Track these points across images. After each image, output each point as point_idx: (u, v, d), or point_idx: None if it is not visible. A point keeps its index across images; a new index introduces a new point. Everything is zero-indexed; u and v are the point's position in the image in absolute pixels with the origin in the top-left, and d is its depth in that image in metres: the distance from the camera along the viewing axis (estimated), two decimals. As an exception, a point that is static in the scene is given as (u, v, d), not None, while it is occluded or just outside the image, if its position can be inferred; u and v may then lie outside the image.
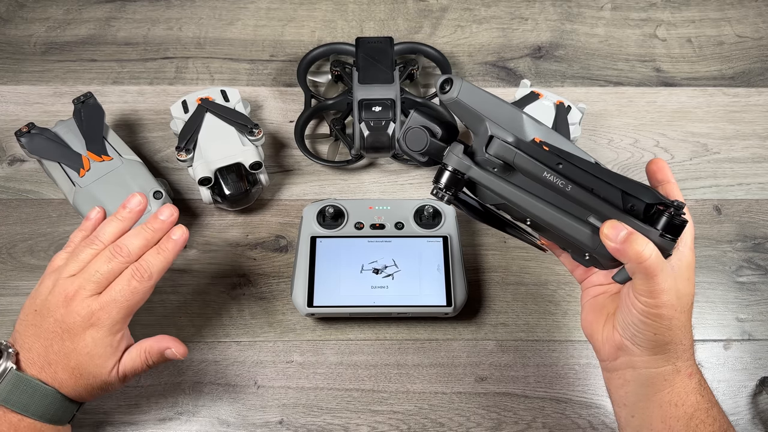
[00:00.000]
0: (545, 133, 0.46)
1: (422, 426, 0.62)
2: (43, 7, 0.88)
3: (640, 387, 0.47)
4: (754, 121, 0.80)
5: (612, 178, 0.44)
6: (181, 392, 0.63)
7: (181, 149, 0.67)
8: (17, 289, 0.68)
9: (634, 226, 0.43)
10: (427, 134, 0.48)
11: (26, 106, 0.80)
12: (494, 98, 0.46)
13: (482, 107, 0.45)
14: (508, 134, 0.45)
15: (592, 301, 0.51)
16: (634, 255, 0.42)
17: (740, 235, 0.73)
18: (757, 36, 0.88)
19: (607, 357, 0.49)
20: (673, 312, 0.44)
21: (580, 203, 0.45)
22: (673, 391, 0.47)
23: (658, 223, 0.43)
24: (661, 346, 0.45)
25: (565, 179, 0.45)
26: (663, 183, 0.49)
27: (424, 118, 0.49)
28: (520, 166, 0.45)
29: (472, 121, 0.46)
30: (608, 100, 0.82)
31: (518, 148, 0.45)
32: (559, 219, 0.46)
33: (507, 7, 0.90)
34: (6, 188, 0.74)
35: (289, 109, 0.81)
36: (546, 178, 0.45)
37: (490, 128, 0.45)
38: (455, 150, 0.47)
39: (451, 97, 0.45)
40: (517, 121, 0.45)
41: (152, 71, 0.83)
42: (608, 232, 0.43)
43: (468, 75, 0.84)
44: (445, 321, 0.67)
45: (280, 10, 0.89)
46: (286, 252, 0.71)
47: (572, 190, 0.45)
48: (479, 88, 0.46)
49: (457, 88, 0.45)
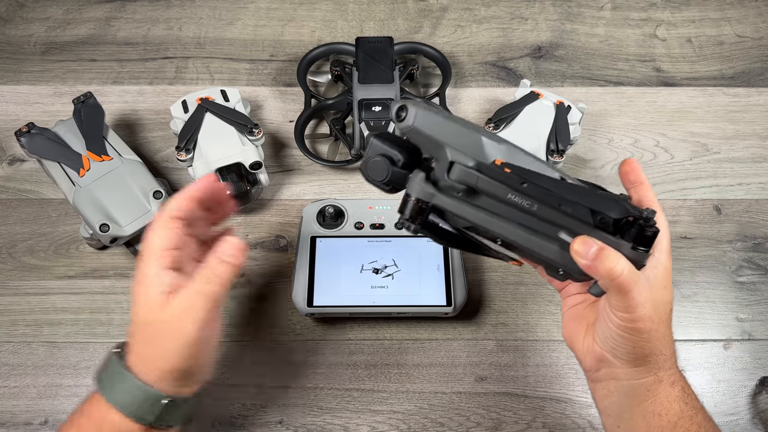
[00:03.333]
0: (507, 152, 0.44)
1: (422, 426, 0.62)
2: (42, 7, 0.88)
3: (624, 398, 0.47)
4: (754, 121, 0.80)
5: (578, 194, 0.42)
6: (181, 392, 0.63)
7: (181, 149, 0.67)
8: (17, 289, 0.68)
9: (604, 240, 0.42)
10: (387, 163, 0.46)
11: (26, 105, 0.80)
12: (452, 122, 0.44)
13: (440, 133, 0.43)
14: (469, 158, 0.44)
15: (572, 310, 0.50)
16: (606, 272, 0.41)
17: (740, 234, 0.73)
18: (757, 36, 0.88)
19: (590, 368, 0.48)
20: (651, 324, 0.43)
21: (549, 221, 0.44)
22: (657, 400, 0.46)
23: (628, 235, 0.42)
24: (641, 358, 0.45)
25: (530, 199, 0.43)
26: (636, 184, 0.48)
27: (385, 145, 0.46)
28: (484, 190, 0.44)
29: (432, 148, 0.45)
30: (608, 100, 0.82)
31: (480, 171, 0.44)
32: (528, 239, 0.45)
33: (507, 7, 0.90)
34: (6, 188, 0.74)
35: (289, 109, 0.81)
36: (511, 199, 0.44)
37: (449, 154, 0.44)
38: (417, 179, 0.45)
39: (408, 125, 0.43)
40: (476, 144, 0.44)
41: (152, 71, 0.83)
42: (578, 248, 0.42)
43: (468, 75, 0.84)
44: (445, 321, 0.67)
45: (280, 9, 0.89)
46: (286, 252, 0.71)
47: (539, 209, 0.43)
48: (436, 112, 0.44)
49: (412, 116, 0.43)
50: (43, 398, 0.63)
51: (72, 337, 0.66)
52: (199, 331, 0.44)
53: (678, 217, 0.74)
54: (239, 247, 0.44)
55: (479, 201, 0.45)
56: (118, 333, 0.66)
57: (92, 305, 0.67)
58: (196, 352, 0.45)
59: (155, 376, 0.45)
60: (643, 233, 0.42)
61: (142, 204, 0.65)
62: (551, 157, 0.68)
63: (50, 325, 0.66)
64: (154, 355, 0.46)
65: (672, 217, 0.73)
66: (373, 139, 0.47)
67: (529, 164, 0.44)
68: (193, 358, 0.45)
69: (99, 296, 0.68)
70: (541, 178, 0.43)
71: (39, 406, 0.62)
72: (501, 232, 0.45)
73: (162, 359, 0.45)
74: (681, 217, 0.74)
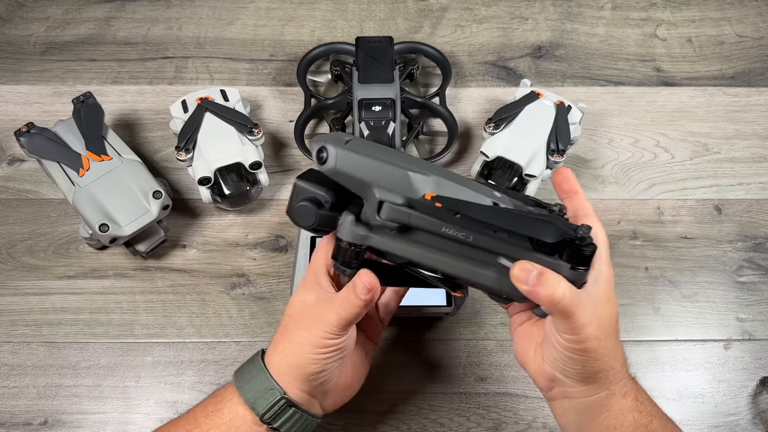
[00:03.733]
0: (436, 184, 0.42)
1: (422, 426, 0.62)
2: (42, 7, 0.88)
3: (579, 416, 0.46)
4: (754, 121, 0.80)
5: (511, 220, 0.40)
6: (181, 392, 0.63)
7: (181, 149, 0.67)
8: (17, 289, 0.68)
9: (543, 263, 0.41)
10: (314, 208, 0.44)
11: (26, 105, 0.80)
12: (376, 160, 0.42)
13: (365, 173, 0.42)
14: (398, 195, 0.42)
15: (520, 329, 0.49)
16: (546, 298, 0.41)
17: (741, 234, 0.72)
18: (757, 36, 0.88)
19: (543, 388, 0.48)
20: (598, 342, 0.43)
21: (487, 249, 0.43)
22: (611, 414, 0.45)
23: (566, 255, 0.41)
24: (591, 376, 0.44)
25: (464, 230, 0.42)
26: (570, 194, 0.47)
27: (310, 187, 0.44)
28: (418, 225, 0.43)
29: (359, 188, 0.43)
30: (608, 100, 0.82)
31: (411, 207, 0.42)
32: (467, 269, 0.44)
33: (507, 7, 0.90)
34: (5, 188, 0.74)
35: (288, 109, 0.81)
36: (446, 232, 0.42)
37: (377, 193, 0.42)
38: (346, 222, 0.44)
39: (330, 168, 0.42)
40: (404, 180, 0.42)
41: (152, 71, 0.83)
42: (518, 274, 0.41)
43: (468, 75, 0.84)
44: (445, 321, 0.67)
45: (279, 9, 0.89)
46: (286, 252, 0.71)
47: (474, 239, 0.42)
48: (359, 151, 0.42)
49: (333, 157, 0.41)
50: (43, 398, 0.63)
51: (71, 337, 0.66)
52: (324, 339, 0.46)
53: (678, 217, 0.73)
54: (368, 286, 0.44)
55: (415, 236, 0.44)
56: (118, 333, 0.66)
57: (92, 305, 0.67)
58: (319, 359, 0.46)
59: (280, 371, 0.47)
60: (581, 253, 0.41)
61: (142, 204, 0.65)
62: (551, 157, 0.68)
63: (50, 325, 0.66)
64: (282, 346, 0.47)
65: (672, 217, 0.73)
66: (297, 182, 0.45)
67: (461, 193, 0.42)
68: (314, 364, 0.46)
69: (98, 296, 0.68)
70: (473, 207, 0.41)
71: (38, 407, 0.62)
72: (439, 266, 0.44)
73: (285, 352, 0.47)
74: (681, 217, 0.73)
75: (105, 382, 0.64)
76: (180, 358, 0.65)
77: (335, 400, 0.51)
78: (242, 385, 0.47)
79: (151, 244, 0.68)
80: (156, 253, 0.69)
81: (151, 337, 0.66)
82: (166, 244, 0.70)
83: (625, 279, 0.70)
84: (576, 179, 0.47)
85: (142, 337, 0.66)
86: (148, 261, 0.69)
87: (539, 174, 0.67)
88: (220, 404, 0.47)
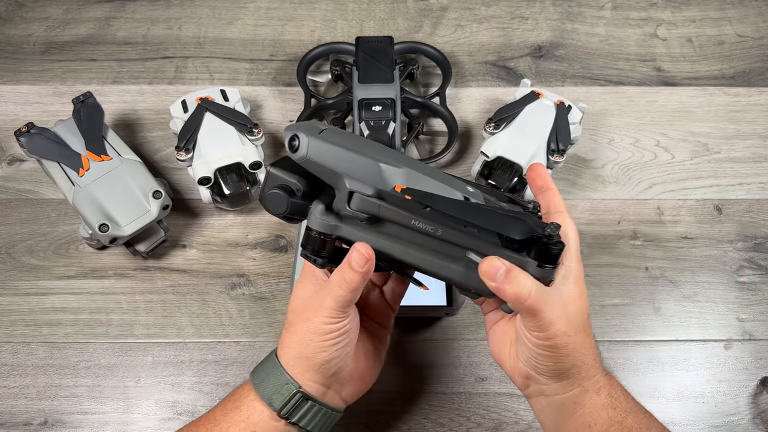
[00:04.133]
0: (407, 176, 0.42)
1: (422, 426, 0.62)
2: (42, 7, 0.88)
3: (555, 413, 0.47)
4: (754, 121, 0.80)
5: (480, 216, 0.40)
6: (181, 392, 0.63)
7: (181, 149, 0.67)
8: (17, 289, 0.68)
9: (510, 259, 0.41)
10: (285, 196, 0.43)
11: (26, 105, 0.80)
12: (347, 151, 0.42)
13: (336, 162, 0.42)
14: (369, 186, 0.42)
15: (495, 328, 0.49)
16: (513, 296, 0.41)
17: (741, 234, 0.72)
18: (757, 35, 0.88)
19: (520, 386, 0.48)
20: (567, 339, 0.43)
21: (455, 243, 0.43)
22: (585, 412, 0.45)
23: (533, 253, 0.41)
24: (563, 372, 0.44)
25: (433, 223, 0.42)
26: (543, 190, 0.47)
27: (283, 175, 0.44)
28: (387, 217, 0.43)
29: (330, 177, 0.43)
30: (609, 100, 0.82)
31: (381, 198, 0.42)
32: (435, 263, 0.44)
33: (507, 7, 0.90)
34: (5, 188, 0.74)
35: (288, 109, 0.81)
36: (415, 225, 0.42)
37: (348, 183, 0.42)
38: (316, 211, 0.43)
39: (302, 156, 0.41)
40: (375, 171, 0.42)
41: (152, 71, 0.83)
42: (486, 270, 0.41)
43: (468, 74, 0.84)
44: (445, 321, 0.66)
45: (279, 9, 0.89)
46: (285, 252, 0.71)
47: (443, 233, 0.42)
48: (331, 140, 0.42)
49: (305, 146, 0.41)
50: (43, 398, 0.63)
51: (71, 337, 0.65)
52: (326, 325, 0.45)
53: (678, 217, 0.73)
54: (366, 257, 0.44)
55: (385, 228, 0.44)
56: (118, 333, 0.66)
57: (92, 305, 0.67)
58: (325, 346, 0.46)
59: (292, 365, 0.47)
60: (548, 251, 0.41)
61: (142, 204, 0.65)
62: (552, 157, 0.68)
63: (49, 325, 0.66)
64: (289, 341, 0.47)
65: (672, 217, 0.73)
66: (269, 169, 0.45)
67: (432, 187, 0.42)
68: (322, 353, 0.46)
69: (98, 296, 0.68)
70: (443, 201, 0.41)
71: (38, 407, 0.62)
72: (407, 258, 0.44)
73: (292, 345, 0.47)
74: (681, 217, 0.73)
75: (105, 382, 0.63)
76: (180, 358, 0.65)
77: (353, 391, 0.51)
78: (258, 382, 0.48)
79: (151, 244, 0.68)
80: (156, 253, 0.69)
81: (151, 337, 0.66)
82: (166, 244, 0.70)
83: (625, 279, 0.70)
84: (549, 175, 0.48)
85: (142, 337, 0.66)
86: (148, 261, 0.69)
87: (539, 174, 0.67)
88: (238, 402, 0.48)
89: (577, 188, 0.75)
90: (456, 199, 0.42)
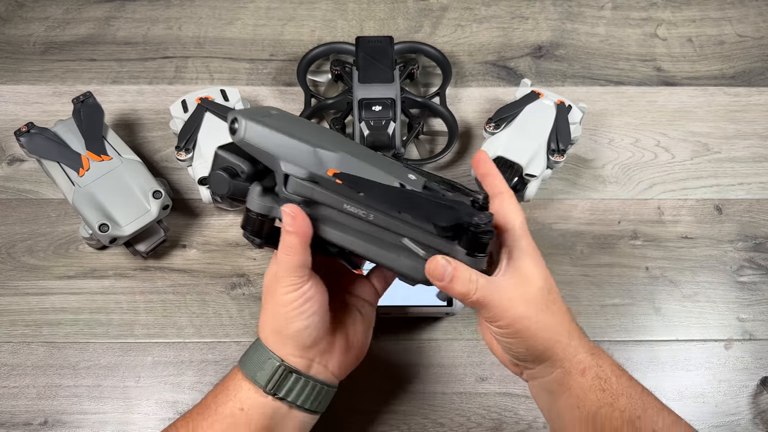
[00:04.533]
0: (341, 160, 0.43)
1: (422, 426, 0.62)
2: (42, 7, 0.88)
3: (546, 395, 0.47)
4: (754, 121, 0.80)
5: (411, 203, 0.41)
6: (181, 392, 0.63)
7: (181, 149, 0.67)
8: (17, 289, 0.68)
9: (440, 246, 0.42)
10: (228, 177, 0.44)
11: (25, 105, 0.80)
12: (283, 134, 0.43)
13: (271, 146, 0.43)
14: (303, 170, 0.43)
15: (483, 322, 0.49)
16: (460, 296, 0.41)
17: (741, 234, 0.72)
18: (757, 35, 0.88)
19: (515, 372, 0.49)
20: (528, 322, 0.43)
21: (390, 230, 0.43)
22: (572, 393, 0.45)
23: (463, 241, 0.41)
24: (538, 355, 0.44)
25: (366, 208, 0.43)
26: (485, 176, 0.48)
27: (228, 156, 0.45)
28: (321, 201, 0.44)
29: (267, 160, 0.44)
30: (609, 100, 0.82)
31: (314, 182, 0.43)
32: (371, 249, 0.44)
33: (507, 7, 0.90)
34: (5, 188, 0.74)
35: (289, 109, 0.80)
36: (347, 209, 0.43)
37: (283, 166, 0.43)
38: (254, 193, 0.44)
39: (239, 138, 0.42)
40: (309, 155, 0.43)
41: (152, 71, 0.83)
42: (433, 271, 0.41)
43: (468, 74, 0.84)
44: (445, 321, 0.66)
45: (279, 9, 0.89)
46: (286, 252, 0.71)
47: (375, 218, 0.43)
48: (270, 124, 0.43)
49: (242, 129, 0.42)
50: (43, 398, 0.63)
51: (71, 337, 0.65)
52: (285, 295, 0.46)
53: (679, 216, 0.73)
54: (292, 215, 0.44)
55: (321, 211, 0.45)
56: (118, 333, 0.66)
57: (92, 305, 0.67)
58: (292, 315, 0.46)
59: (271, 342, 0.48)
60: (477, 239, 0.41)
61: (142, 204, 0.65)
62: (552, 157, 0.68)
63: (49, 325, 0.66)
64: (263, 320, 0.48)
65: (673, 216, 0.73)
66: (217, 151, 0.46)
67: (367, 172, 0.43)
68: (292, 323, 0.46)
69: (98, 296, 0.68)
70: (373, 186, 0.42)
71: (38, 407, 0.62)
72: (341, 241, 0.45)
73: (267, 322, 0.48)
74: (682, 216, 0.73)
75: (105, 382, 0.63)
76: (180, 358, 0.65)
77: (340, 363, 0.50)
78: (244, 362, 0.49)
79: (151, 244, 0.68)
80: (156, 253, 0.69)
81: (151, 337, 0.66)
82: (166, 244, 0.70)
83: (625, 279, 0.70)
84: (490, 161, 0.48)
85: (142, 337, 0.66)
86: (148, 261, 0.69)
87: (539, 174, 0.67)
88: (226, 384, 0.49)
89: (577, 188, 0.75)
90: (389, 185, 0.43)
